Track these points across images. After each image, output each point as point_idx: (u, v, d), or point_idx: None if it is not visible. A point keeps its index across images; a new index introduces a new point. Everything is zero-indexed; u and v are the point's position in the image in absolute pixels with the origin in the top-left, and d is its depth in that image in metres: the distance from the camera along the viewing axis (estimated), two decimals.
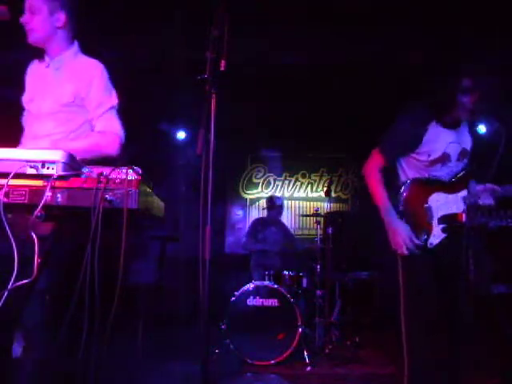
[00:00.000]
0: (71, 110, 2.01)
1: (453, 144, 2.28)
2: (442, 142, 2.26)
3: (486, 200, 2.22)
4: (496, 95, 2.21)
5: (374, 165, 2.37)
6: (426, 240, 2.21)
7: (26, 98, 2.10)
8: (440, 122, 2.26)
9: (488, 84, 2.18)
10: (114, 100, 2.09)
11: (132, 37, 4.25)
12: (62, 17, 2.00)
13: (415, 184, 2.29)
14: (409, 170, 2.36)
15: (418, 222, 2.23)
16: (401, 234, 2.19)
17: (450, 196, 2.28)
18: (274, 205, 5.03)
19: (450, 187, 2.29)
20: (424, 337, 2.18)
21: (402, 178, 2.38)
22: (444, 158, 2.28)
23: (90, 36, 2.27)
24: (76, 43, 2.09)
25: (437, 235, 2.21)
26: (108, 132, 2.04)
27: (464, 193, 2.26)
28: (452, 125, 2.28)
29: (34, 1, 1.96)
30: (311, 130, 6.07)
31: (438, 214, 2.24)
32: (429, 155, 2.27)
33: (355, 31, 4.22)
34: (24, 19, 1.97)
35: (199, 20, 2.67)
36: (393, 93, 4.06)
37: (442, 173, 2.30)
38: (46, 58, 2.06)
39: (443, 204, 2.26)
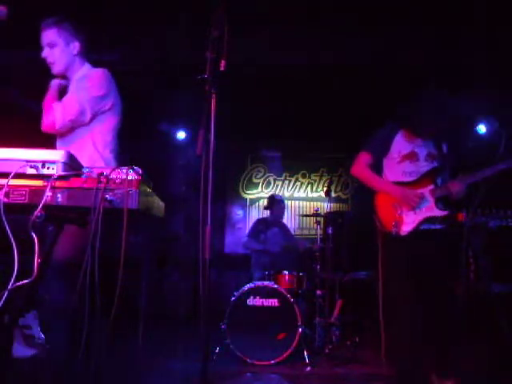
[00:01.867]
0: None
1: (418, 147, 2.71)
2: (410, 143, 2.72)
3: (454, 186, 2.52)
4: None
5: (361, 162, 2.77)
6: (398, 229, 2.58)
7: None
8: (405, 133, 2.74)
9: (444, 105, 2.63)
10: (96, 90, 2.16)
11: (133, 37, 4.25)
12: (76, 45, 2.20)
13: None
14: (389, 173, 2.76)
15: (389, 217, 2.64)
16: (408, 195, 2.58)
17: (418, 191, 2.63)
18: (275, 201, 5.01)
19: (415, 185, 2.66)
20: (397, 308, 2.51)
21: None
22: (412, 156, 2.69)
23: (91, 36, 2.29)
24: (87, 63, 2.29)
25: (409, 223, 2.58)
26: (65, 104, 2.11)
27: (431, 187, 2.62)
28: (416, 136, 2.72)
29: (50, 36, 2.13)
30: (311, 130, 6.06)
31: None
32: (399, 152, 2.71)
33: (355, 31, 4.22)
34: (44, 54, 2.16)
35: (200, 20, 2.67)
36: (393, 93, 4.05)
37: (411, 169, 2.68)
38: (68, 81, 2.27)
39: None
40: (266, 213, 6.43)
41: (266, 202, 5.80)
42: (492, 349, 3.41)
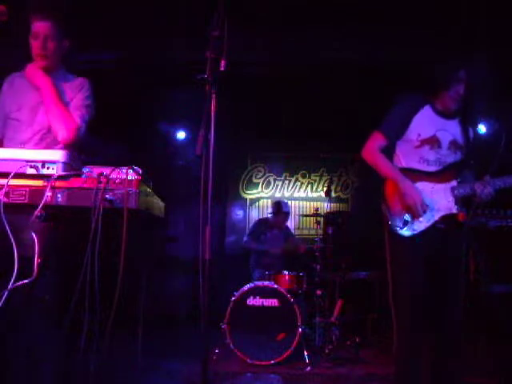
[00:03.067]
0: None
1: (443, 131, 2.37)
2: (432, 125, 2.37)
3: (485, 190, 2.24)
4: (487, 92, 2.36)
5: (374, 144, 2.44)
6: (407, 224, 2.31)
7: (11, 109, 2.16)
8: (432, 108, 2.39)
9: (481, 79, 2.33)
10: (88, 109, 2.15)
11: (133, 37, 4.25)
12: (66, 44, 2.14)
13: (402, 173, 2.38)
14: (402, 158, 2.44)
15: (400, 207, 2.33)
16: (414, 201, 2.27)
17: (437, 185, 2.35)
18: (281, 211, 4.99)
19: (436, 177, 2.36)
20: (408, 302, 2.29)
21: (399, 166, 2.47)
22: (433, 141, 2.36)
23: (92, 36, 2.29)
24: (63, 65, 2.20)
25: (423, 222, 2.30)
26: (75, 121, 2.08)
27: (453, 183, 2.33)
28: (443, 113, 2.39)
29: (48, 28, 2.05)
30: (311, 129, 6.06)
31: (426, 200, 2.31)
32: (419, 134, 2.36)
33: (356, 31, 4.22)
34: (39, 45, 2.05)
35: (200, 20, 2.67)
36: (393, 93, 4.05)
37: (430, 157, 2.36)
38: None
39: (428, 192, 2.34)
40: (267, 213, 6.44)
41: (270, 204, 5.80)
42: (492, 348, 3.41)
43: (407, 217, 2.32)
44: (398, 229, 2.33)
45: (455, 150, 2.39)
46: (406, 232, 2.32)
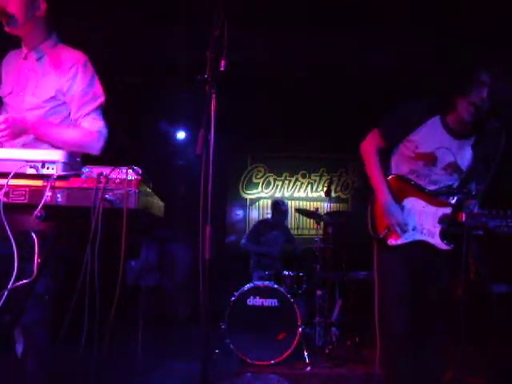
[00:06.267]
0: (52, 105, 1.94)
1: (445, 149, 2.17)
2: (435, 141, 2.16)
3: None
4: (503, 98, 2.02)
5: (371, 144, 2.35)
6: (388, 236, 2.26)
7: (4, 92, 2.00)
8: (443, 122, 2.16)
9: (500, 86, 2.00)
10: (98, 100, 1.99)
11: (134, 37, 4.25)
12: (43, 6, 1.90)
13: (396, 180, 2.32)
14: (400, 164, 2.33)
15: (382, 221, 2.29)
16: (393, 219, 2.21)
17: (429, 207, 2.24)
18: (280, 210, 5.00)
19: (430, 198, 2.24)
20: (391, 310, 2.29)
21: (392, 171, 2.38)
22: (429, 158, 2.19)
23: (92, 36, 2.28)
24: (55, 34, 2.00)
25: (399, 237, 2.24)
26: (93, 131, 1.96)
27: (444, 211, 2.19)
28: (453, 130, 2.16)
29: None
30: (311, 129, 6.07)
31: (408, 217, 2.25)
32: (416, 147, 2.19)
33: (356, 31, 4.22)
34: (1, 2, 1.82)
35: (200, 20, 2.67)
36: (394, 93, 4.05)
37: (422, 172, 2.23)
38: (24, 49, 1.97)
39: (418, 211, 2.25)
40: (267, 214, 6.45)
41: (269, 206, 5.81)
42: (492, 349, 3.41)
43: (387, 230, 2.28)
44: (382, 236, 2.30)
45: (452, 172, 2.22)
46: (389, 241, 2.29)
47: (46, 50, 1.96)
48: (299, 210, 5.18)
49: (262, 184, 6.76)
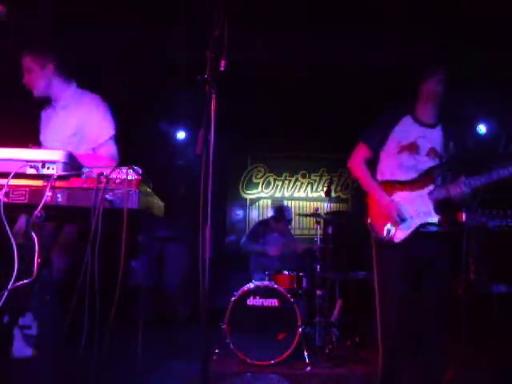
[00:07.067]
0: (75, 139, 2.31)
1: (422, 138, 2.46)
2: (412, 133, 2.47)
3: (457, 189, 2.30)
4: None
5: (358, 156, 2.62)
6: (392, 236, 2.40)
7: (41, 138, 2.45)
8: (414, 118, 2.50)
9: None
10: (111, 130, 2.36)
11: (133, 37, 4.24)
12: (51, 67, 2.35)
13: (381, 184, 2.53)
14: (384, 169, 2.56)
15: (381, 223, 2.45)
16: (390, 211, 2.40)
17: (414, 193, 2.43)
18: (283, 217, 4.97)
19: (413, 185, 2.44)
20: (392, 309, 2.39)
21: (378, 177, 2.60)
22: (412, 147, 2.46)
23: (91, 36, 2.29)
24: (74, 83, 2.43)
25: (403, 230, 2.38)
26: (106, 157, 2.31)
27: (430, 188, 2.40)
28: (423, 122, 2.49)
29: (27, 63, 2.33)
30: (311, 129, 6.06)
31: (402, 209, 2.41)
32: (399, 142, 2.48)
33: (356, 31, 4.22)
34: (25, 80, 2.35)
35: (200, 20, 2.67)
36: (394, 93, 4.05)
37: (409, 163, 2.45)
38: (53, 103, 2.43)
39: (408, 200, 2.43)
40: (267, 214, 6.45)
41: (273, 206, 5.81)
42: (491, 349, 3.41)
43: (389, 226, 2.42)
44: (383, 239, 2.42)
45: (434, 157, 2.47)
46: (390, 241, 2.40)
47: (68, 98, 2.39)
48: (299, 214, 5.16)
49: (262, 184, 6.76)
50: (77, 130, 2.32)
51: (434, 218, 2.36)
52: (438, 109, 2.48)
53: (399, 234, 2.38)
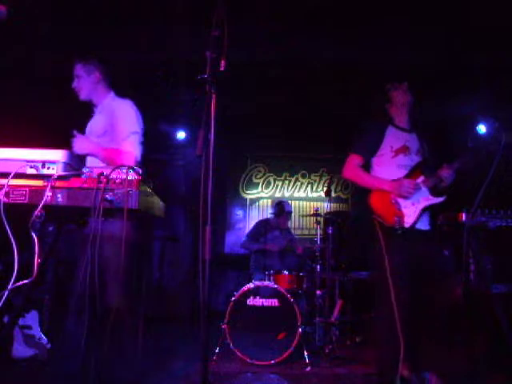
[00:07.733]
0: (104, 139, 2.50)
1: (408, 141, 2.82)
2: (401, 138, 2.82)
3: (446, 174, 2.65)
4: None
5: (352, 163, 2.83)
6: (401, 223, 2.63)
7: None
8: (394, 126, 2.85)
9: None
10: (133, 127, 2.51)
11: (134, 37, 4.24)
12: (97, 75, 2.64)
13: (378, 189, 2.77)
14: (379, 170, 2.81)
15: (390, 213, 2.67)
16: (402, 185, 2.65)
17: None
18: (284, 211, 4.97)
19: (407, 178, 2.71)
20: (405, 290, 2.47)
21: None
22: (405, 149, 2.79)
23: (92, 36, 2.30)
24: (112, 91, 2.70)
25: (411, 215, 2.64)
26: (126, 151, 2.43)
27: (421, 178, 2.72)
28: (404, 129, 2.85)
29: (77, 70, 2.62)
30: (311, 130, 6.06)
31: (404, 201, 2.68)
32: (391, 147, 2.79)
33: (356, 33, 4.22)
34: (73, 84, 2.64)
35: (200, 20, 2.67)
36: None
37: (405, 162, 2.77)
38: (95, 108, 2.70)
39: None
40: (267, 213, 6.44)
41: (272, 205, 5.79)
42: (491, 348, 3.41)
43: (398, 219, 2.63)
44: (395, 225, 2.60)
45: (422, 154, 2.82)
46: (400, 230, 2.61)
47: (106, 105, 2.63)
48: (299, 215, 5.16)
49: (262, 184, 6.76)
50: (105, 130, 2.51)
51: (435, 201, 2.67)
52: (411, 115, 2.89)
53: (407, 218, 2.63)
